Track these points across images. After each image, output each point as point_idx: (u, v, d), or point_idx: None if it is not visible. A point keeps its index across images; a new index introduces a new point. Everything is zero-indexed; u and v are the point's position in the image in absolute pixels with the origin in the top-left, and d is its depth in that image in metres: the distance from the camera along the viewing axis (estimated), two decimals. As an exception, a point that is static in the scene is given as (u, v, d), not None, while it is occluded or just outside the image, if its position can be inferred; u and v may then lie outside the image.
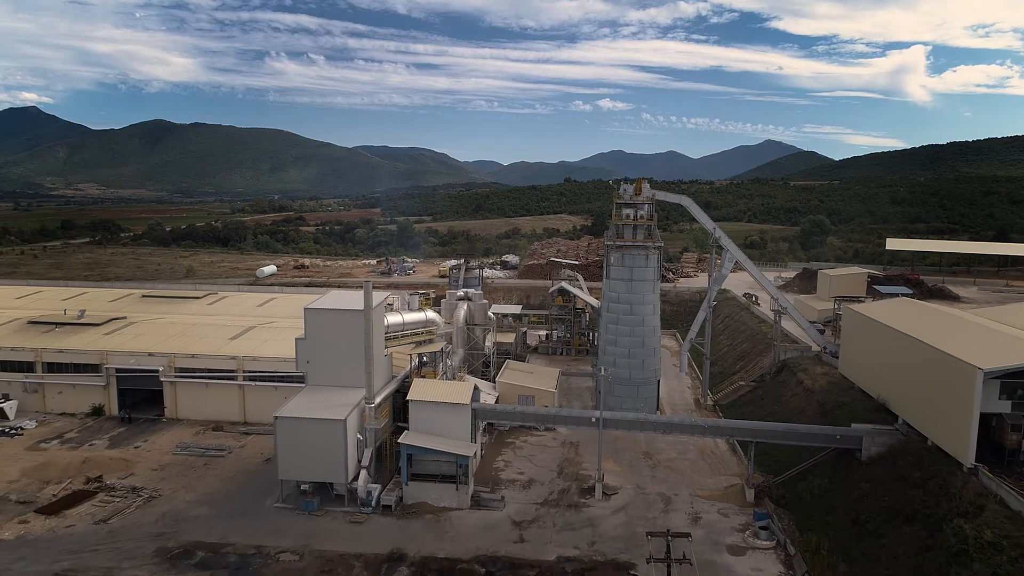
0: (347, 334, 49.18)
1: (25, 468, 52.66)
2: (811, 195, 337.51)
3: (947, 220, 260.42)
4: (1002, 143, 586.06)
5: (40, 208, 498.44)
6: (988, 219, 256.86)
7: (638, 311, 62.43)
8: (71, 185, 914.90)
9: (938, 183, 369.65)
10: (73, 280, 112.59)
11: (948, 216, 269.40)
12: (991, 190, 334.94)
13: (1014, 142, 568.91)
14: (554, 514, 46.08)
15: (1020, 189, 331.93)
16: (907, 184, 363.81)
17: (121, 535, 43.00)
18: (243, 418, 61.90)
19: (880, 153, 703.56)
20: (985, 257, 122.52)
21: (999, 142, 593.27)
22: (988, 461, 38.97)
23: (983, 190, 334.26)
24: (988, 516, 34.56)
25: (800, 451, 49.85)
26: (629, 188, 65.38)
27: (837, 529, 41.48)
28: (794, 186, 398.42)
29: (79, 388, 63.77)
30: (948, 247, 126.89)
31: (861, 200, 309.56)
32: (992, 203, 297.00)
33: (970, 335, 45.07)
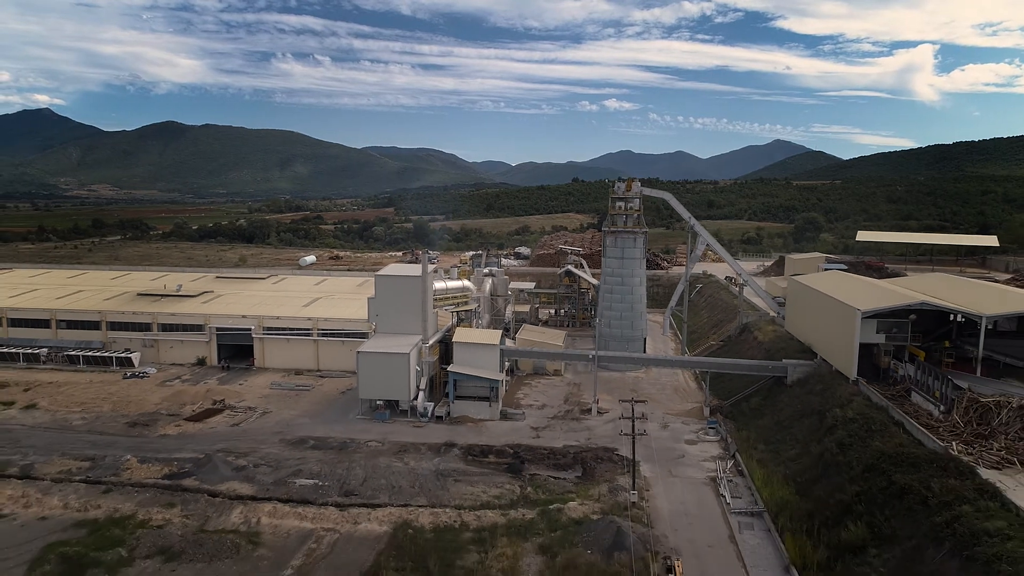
0: (407, 294, 67.15)
1: (163, 396, 70.88)
2: (811, 194, 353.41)
3: (939, 218, 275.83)
4: (1007, 143, 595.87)
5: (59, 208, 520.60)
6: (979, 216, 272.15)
7: (628, 283, 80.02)
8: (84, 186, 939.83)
9: (936, 182, 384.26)
10: (144, 266, 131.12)
11: (941, 214, 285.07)
12: (988, 189, 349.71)
13: (1020, 142, 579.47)
14: (561, 423, 63.78)
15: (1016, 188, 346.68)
16: (906, 183, 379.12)
17: (251, 432, 61.03)
18: (317, 366, 79.88)
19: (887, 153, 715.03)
20: (949, 247, 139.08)
21: (1005, 142, 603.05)
22: (868, 376, 56.31)
23: (980, 189, 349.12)
24: (854, 405, 51.92)
25: (747, 383, 67.28)
26: (622, 185, 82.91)
27: (763, 428, 58.95)
28: (797, 185, 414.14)
29: (187, 343, 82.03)
30: (910, 239, 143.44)
31: (858, 199, 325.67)
32: (986, 202, 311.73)
33: (863, 291, 62.56)
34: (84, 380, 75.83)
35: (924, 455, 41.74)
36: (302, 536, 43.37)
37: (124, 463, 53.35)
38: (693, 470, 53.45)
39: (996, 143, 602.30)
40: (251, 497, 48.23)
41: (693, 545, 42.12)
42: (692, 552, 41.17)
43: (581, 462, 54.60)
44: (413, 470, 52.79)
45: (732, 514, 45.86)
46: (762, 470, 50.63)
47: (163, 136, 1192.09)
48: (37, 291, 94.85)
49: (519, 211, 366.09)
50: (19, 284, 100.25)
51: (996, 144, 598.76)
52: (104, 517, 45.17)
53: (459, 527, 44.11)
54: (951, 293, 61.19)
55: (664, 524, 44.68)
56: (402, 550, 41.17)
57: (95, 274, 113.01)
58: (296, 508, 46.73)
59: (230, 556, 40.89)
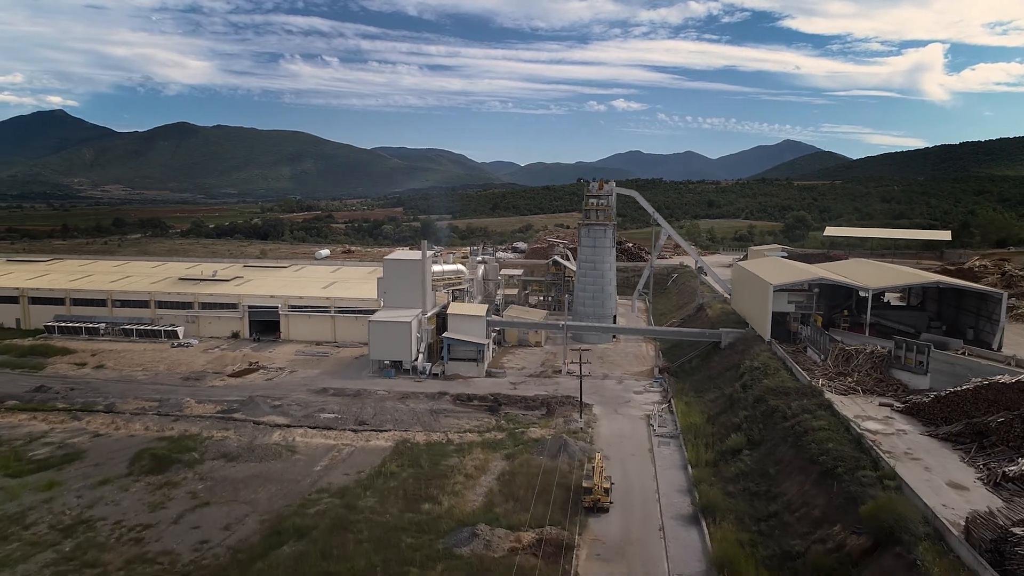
0: (409, 274, 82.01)
1: (207, 360, 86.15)
2: (808, 194, 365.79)
3: (929, 216, 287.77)
4: (1013, 143, 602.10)
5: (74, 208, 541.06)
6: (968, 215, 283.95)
7: (599, 267, 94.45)
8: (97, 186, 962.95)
9: (935, 182, 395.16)
10: (175, 258, 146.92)
11: (932, 213, 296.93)
12: (984, 189, 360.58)
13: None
14: (535, 380, 78.33)
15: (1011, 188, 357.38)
16: (903, 183, 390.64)
17: (282, 384, 76.08)
18: (334, 338, 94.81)
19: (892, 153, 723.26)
20: (909, 241, 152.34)
21: (1011, 142, 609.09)
22: (780, 338, 70.46)
23: (977, 189, 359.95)
24: (761, 358, 66.17)
25: (692, 349, 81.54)
26: (595, 185, 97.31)
27: (696, 380, 73.30)
28: (797, 186, 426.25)
29: (223, 319, 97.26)
30: (870, 233, 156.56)
31: (852, 198, 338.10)
32: (978, 202, 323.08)
33: (780, 270, 76.79)
34: (139, 348, 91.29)
35: (796, 387, 56.15)
36: (327, 448, 58.24)
37: (185, 403, 68.49)
38: (634, 410, 67.89)
39: (1002, 143, 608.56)
40: (286, 425, 63.15)
41: (621, 454, 56.56)
42: (619, 458, 55.59)
43: (546, 405, 69.14)
44: (412, 409, 67.56)
45: (655, 436, 60.26)
46: (686, 408, 64.99)
47: (175, 136, 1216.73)
48: (92, 276, 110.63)
49: (524, 210, 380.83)
50: (74, 272, 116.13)
51: (1002, 144, 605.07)
52: (177, 435, 60.26)
53: (445, 443, 58.81)
54: (855, 273, 75.30)
55: (603, 442, 59.12)
56: (401, 455, 55.92)
57: (137, 263, 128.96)
58: (321, 432, 61.67)
59: (275, 459, 55.77)
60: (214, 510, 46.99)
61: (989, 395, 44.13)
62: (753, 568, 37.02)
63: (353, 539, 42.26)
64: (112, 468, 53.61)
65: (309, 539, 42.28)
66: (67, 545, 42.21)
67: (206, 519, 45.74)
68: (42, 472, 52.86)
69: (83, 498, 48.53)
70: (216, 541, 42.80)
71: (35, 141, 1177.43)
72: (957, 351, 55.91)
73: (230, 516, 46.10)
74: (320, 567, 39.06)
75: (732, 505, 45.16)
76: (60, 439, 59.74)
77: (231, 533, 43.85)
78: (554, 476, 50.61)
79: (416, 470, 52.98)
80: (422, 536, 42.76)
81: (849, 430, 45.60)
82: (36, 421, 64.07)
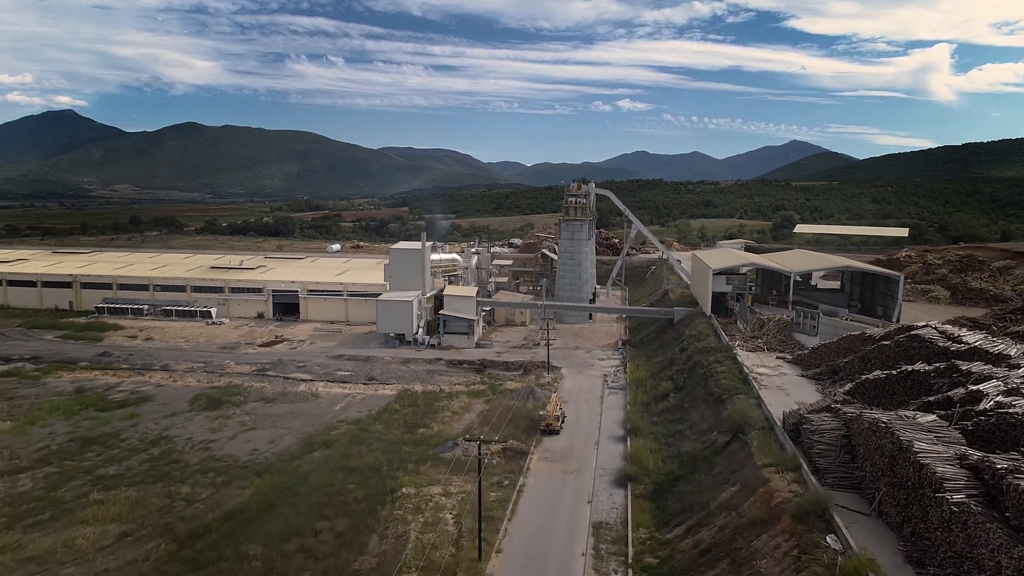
0: (411, 261, 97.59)
1: (239, 334, 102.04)
2: (803, 194, 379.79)
3: (917, 216, 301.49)
4: (1015, 144, 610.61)
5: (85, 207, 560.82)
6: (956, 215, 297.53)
7: (577, 257, 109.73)
8: (106, 185, 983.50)
9: (928, 183, 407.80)
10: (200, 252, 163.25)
11: (920, 213, 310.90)
12: (977, 190, 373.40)
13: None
14: (517, 350, 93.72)
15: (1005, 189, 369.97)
16: (898, 184, 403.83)
17: (305, 352, 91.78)
18: (346, 318, 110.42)
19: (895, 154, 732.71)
20: (875, 238, 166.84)
21: (1013, 143, 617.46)
22: (720, 313, 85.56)
23: (970, 190, 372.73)
24: (699, 328, 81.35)
25: (651, 325, 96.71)
26: (574, 185, 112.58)
27: (650, 349, 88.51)
28: (795, 186, 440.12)
29: (250, 302, 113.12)
30: (842, 230, 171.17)
31: (844, 199, 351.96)
32: (967, 202, 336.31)
33: (725, 258, 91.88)
34: (179, 326, 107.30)
35: (717, 347, 71.39)
36: (344, 395, 73.86)
37: (226, 364, 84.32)
38: (595, 371, 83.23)
39: (1004, 144, 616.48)
40: (310, 380, 78.82)
41: (578, 400, 71.88)
42: (575, 403, 70.87)
43: (523, 367, 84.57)
44: (413, 370, 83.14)
45: (608, 388, 75.58)
46: (636, 368, 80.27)
47: (183, 136, 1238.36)
48: (133, 265, 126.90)
49: (526, 210, 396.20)
50: (115, 262, 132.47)
51: (1004, 145, 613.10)
52: (224, 385, 76.05)
53: (438, 392, 74.33)
54: (789, 261, 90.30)
55: (565, 392, 74.46)
56: (403, 399, 71.45)
57: (169, 255, 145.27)
58: (339, 384, 77.37)
59: (303, 402, 71.40)
60: (260, 432, 62.64)
61: (844, 345, 59.26)
62: (652, 461, 52.30)
63: (365, 448, 57.83)
64: (176, 406, 69.42)
65: (333, 448, 57.89)
66: (155, 451, 57.97)
67: (255, 437, 61.40)
68: (123, 408, 68.73)
69: (159, 424, 64.32)
70: (264, 450, 58.43)
71: (45, 141, 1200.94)
72: (843, 318, 70.95)
73: (272, 436, 61.74)
74: (342, 463, 54.58)
75: (652, 428, 60.50)
76: (130, 388, 75.66)
77: (275, 445, 59.48)
78: (522, 413, 66.06)
79: (414, 409, 68.53)
80: (417, 447, 58.29)
81: (742, 372, 60.83)
82: (108, 376, 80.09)
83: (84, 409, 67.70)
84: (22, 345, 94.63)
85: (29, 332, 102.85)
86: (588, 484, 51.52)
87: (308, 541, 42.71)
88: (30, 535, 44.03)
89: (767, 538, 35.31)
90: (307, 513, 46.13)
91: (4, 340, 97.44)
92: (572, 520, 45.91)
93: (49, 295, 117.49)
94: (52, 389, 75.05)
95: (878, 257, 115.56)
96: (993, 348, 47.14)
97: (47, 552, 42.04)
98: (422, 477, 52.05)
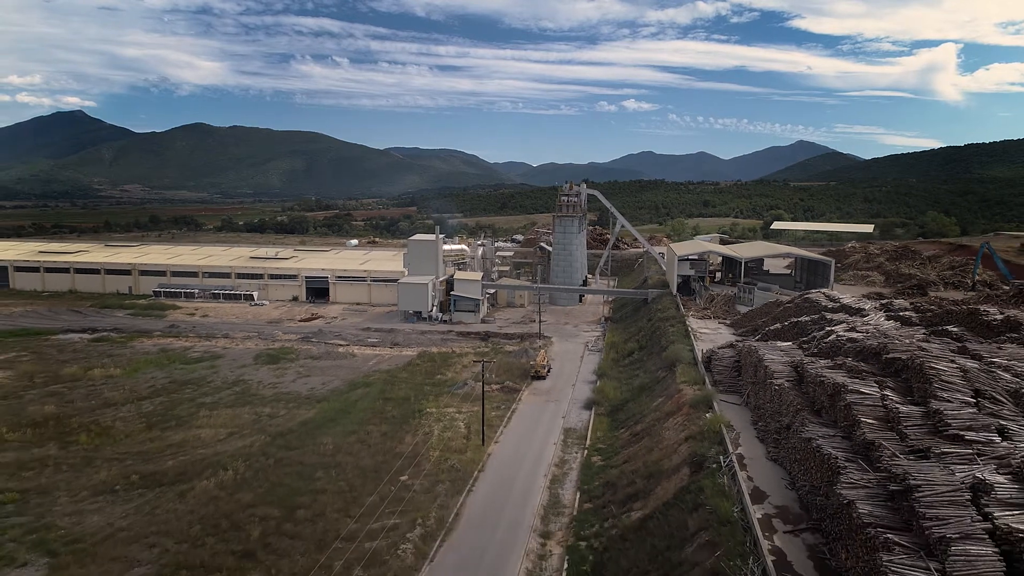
0: (426, 250, 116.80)
1: (279, 313, 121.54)
2: (798, 194, 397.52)
3: (905, 216, 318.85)
4: (1016, 145, 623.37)
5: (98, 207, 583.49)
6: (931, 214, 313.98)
7: (568, 249, 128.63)
8: (116, 186, 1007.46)
9: (922, 183, 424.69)
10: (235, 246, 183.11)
11: (908, 213, 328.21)
12: (969, 190, 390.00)
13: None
14: (516, 325, 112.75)
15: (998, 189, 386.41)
16: (892, 184, 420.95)
17: (338, 326, 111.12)
18: (370, 301, 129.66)
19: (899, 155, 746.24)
20: (851, 234, 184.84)
21: (1014, 144, 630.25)
22: (685, 293, 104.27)
23: (962, 190, 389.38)
24: (665, 303, 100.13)
25: (629, 303, 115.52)
26: (567, 186, 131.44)
27: (626, 323, 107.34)
28: (793, 187, 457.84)
29: (286, 286, 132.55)
30: (814, 227, 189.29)
31: (837, 199, 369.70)
32: (957, 203, 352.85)
33: (691, 247, 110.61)
34: (227, 306, 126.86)
35: (674, 316, 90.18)
36: (374, 355, 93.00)
37: (275, 334, 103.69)
38: (580, 340, 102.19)
39: (1005, 145, 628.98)
40: (346, 344, 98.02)
41: (563, 359, 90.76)
42: (561, 361, 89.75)
43: (520, 337, 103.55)
44: (429, 338, 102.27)
45: (588, 351, 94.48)
46: (612, 336, 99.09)
47: (192, 137, 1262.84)
48: (182, 256, 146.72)
49: (531, 209, 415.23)
50: (163, 253, 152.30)
51: (1005, 146, 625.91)
52: (278, 347, 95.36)
53: (450, 352, 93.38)
54: (744, 250, 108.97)
55: (553, 353, 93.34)
56: (422, 357, 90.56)
57: (209, 248, 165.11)
58: (370, 347, 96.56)
59: (343, 359, 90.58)
60: (313, 378, 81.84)
61: (765, 310, 77.94)
62: (612, 392, 71.16)
63: (397, 387, 76.94)
64: (243, 361, 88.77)
65: (372, 387, 77.03)
66: (236, 388, 77.26)
67: (310, 381, 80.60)
68: (201, 363, 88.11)
69: (234, 373, 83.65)
70: (319, 388, 77.62)
71: (55, 141, 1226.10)
72: (775, 292, 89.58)
73: (323, 380, 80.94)
74: (380, 396, 73.69)
75: (617, 374, 79.39)
76: (203, 350, 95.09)
77: (326, 385, 78.67)
78: (517, 366, 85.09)
79: (432, 363, 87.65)
80: (436, 387, 77.38)
81: (687, 332, 79.56)
82: (181, 341, 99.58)
83: (172, 363, 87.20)
84: (100, 320, 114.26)
85: (101, 311, 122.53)
86: (564, 408, 70.55)
87: (362, 436, 61.82)
88: (166, 433, 63.37)
89: (672, 420, 54.21)
90: (359, 422, 65.32)
91: (84, 316, 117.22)
92: (549, 427, 64.92)
93: (111, 281, 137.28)
94: (139, 350, 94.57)
95: (829, 249, 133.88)
96: (856, 305, 65.81)
97: (182, 441, 61.33)
98: (441, 403, 71.15)
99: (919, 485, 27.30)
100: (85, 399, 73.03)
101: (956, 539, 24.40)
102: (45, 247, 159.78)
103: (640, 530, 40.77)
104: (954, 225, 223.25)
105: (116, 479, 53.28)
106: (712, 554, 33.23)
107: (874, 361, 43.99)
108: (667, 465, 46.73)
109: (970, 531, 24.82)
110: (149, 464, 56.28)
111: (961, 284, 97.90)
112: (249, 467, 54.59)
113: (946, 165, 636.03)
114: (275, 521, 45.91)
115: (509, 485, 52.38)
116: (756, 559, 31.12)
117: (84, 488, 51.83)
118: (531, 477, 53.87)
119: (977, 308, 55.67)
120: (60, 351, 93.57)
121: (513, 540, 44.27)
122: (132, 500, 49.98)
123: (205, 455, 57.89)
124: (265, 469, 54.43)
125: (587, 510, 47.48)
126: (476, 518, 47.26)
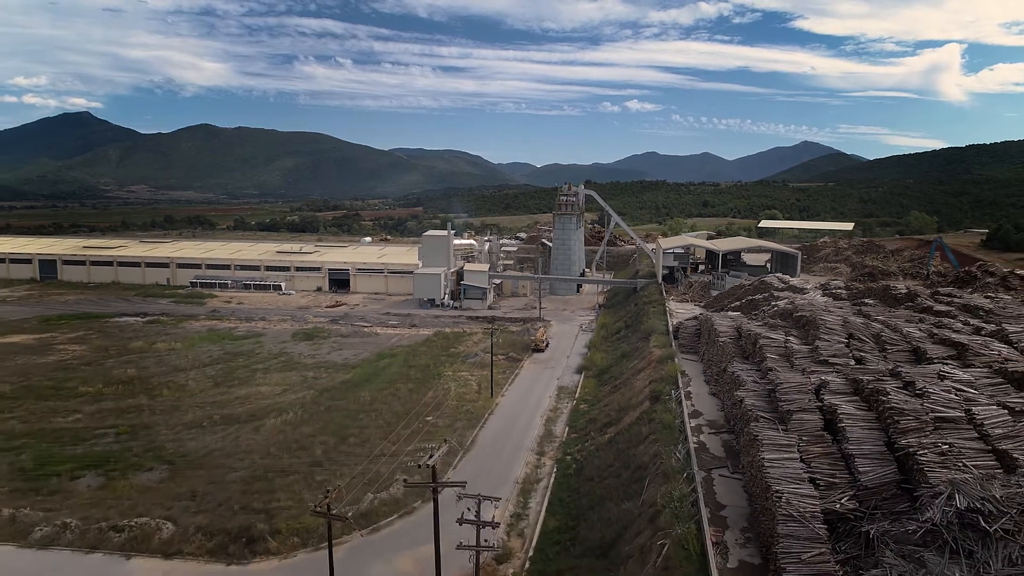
0: (439, 244, 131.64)
1: (306, 301, 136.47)
2: (796, 195, 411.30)
3: (896, 215, 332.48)
4: (1016, 145, 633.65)
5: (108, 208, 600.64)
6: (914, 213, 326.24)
7: (567, 243, 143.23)
8: (123, 186, 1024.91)
9: (918, 184, 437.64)
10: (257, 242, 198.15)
11: (900, 212, 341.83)
12: (964, 191, 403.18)
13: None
14: (519, 311, 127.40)
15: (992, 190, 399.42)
16: (888, 184, 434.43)
17: (361, 312, 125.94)
18: (387, 291, 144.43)
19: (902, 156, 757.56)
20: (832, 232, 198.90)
21: (1014, 144, 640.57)
22: (670, 282, 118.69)
23: (957, 191, 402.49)
24: (651, 290, 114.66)
25: (622, 294, 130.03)
26: (565, 187, 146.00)
27: (617, 309, 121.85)
28: (792, 187, 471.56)
29: (311, 278, 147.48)
30: (797, 225, 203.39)
31: (832, 199, 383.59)
32: (950, 203, 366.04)
33: (675, 241, 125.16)
34: (257, 295, 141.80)
35: (657, 300, 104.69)
36: (396, 334, 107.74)
37: (307, 317, 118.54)
38: (575, 323, 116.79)
39: (1005, 146, 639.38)
40: (370, 325, 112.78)
41: (559, 337, 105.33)
42: (558, 338, 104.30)
43: (523, 321, 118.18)
44: (442, 321, 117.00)
45: (582, 331, 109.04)
46: (603, 318, 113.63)
47: (198, 137, 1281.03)
48: (213, 250, 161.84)
49: (534, 209, 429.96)
50: (196, 248, 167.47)
51: (1005, 147, 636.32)
52: (311, 328, 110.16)
53: (462, 332, 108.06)
54: (723, 244, 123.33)
55: (552, 333, 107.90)
56: (438, 335, 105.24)
57: (236, 244, 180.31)
58: (391, 327, 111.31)
59: (368, 337, 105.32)
60: (345, 351, 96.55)
61: (732, 292, 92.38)
62: (599, 360, 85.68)
63: (417, 358, 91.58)
64: (283, 338, 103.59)
65: (397, 357, 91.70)
66: (282, 358, 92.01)
67: (342, 353, 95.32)
68: (247, 339, 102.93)
69: (277, 347, 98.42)
70: (351, 358, 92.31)
71: (61, 142, 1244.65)
72: (744, 279, 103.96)
73: (354, 352, 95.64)
74: (404, 364, 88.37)
75: (605, 346, 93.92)
76: (245, 330, 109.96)
77: (358, 356, 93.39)
78: (520, 342, 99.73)
79: (446, 340, 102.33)
80: (451, 357, 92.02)
81: (665, 310, 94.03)
82: (224, 323, 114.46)
83: (222, 339, 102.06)
84: (147, 307, 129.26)
85: (146, 299, 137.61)
86: (559, 373, 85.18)
87: (392, 391, 76.49)
88: (231, 389, 78.17)
89: (643, 374, 68.75)
90: (389, 381, 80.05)
91: (131, 304, 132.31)
92: (546, 386, 79.54)
93: (151, 273, 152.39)
94: (190, 330, 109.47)
95: (804, 244, 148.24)
96: (801, 285, 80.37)
97: (245, 395, 76.08)
98: (455, 368, 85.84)
99: (781, 383, 41.92)
100: (156, 366, 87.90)
101: (796, 411, 38.93)
102: (88, 243, 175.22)
103: (611, 443, 55.36)
104: (934, 224, 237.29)
105: (201, 419, 68.06)
106: (655, 445, 47.78)
107: (788, 319, 58.58)
108: (634, 401, 61.32)
109: (806, 407, 39.35)
110: (224, 410, 71.05)
111: (918, 274, 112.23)
112: (305, 411, 69.36)
113: (947, 166, 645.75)
114: (333, 443, 60.65)
115: (513, 423, 67.03)
116: (683, 445, 45.65)
117: (178, 424, 66.62)
118: (530, 418, 68.50)
119: (888, 285, 70.20)
120: (121, 330, 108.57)
121: (516, 457, 58.84)
122: (217, 432, 64.71)
123: (268, 404, 72.66)
124: (318, 412, 69.21)
125: (573, 438, 62.07)
126: (488, 443, 61.91)
